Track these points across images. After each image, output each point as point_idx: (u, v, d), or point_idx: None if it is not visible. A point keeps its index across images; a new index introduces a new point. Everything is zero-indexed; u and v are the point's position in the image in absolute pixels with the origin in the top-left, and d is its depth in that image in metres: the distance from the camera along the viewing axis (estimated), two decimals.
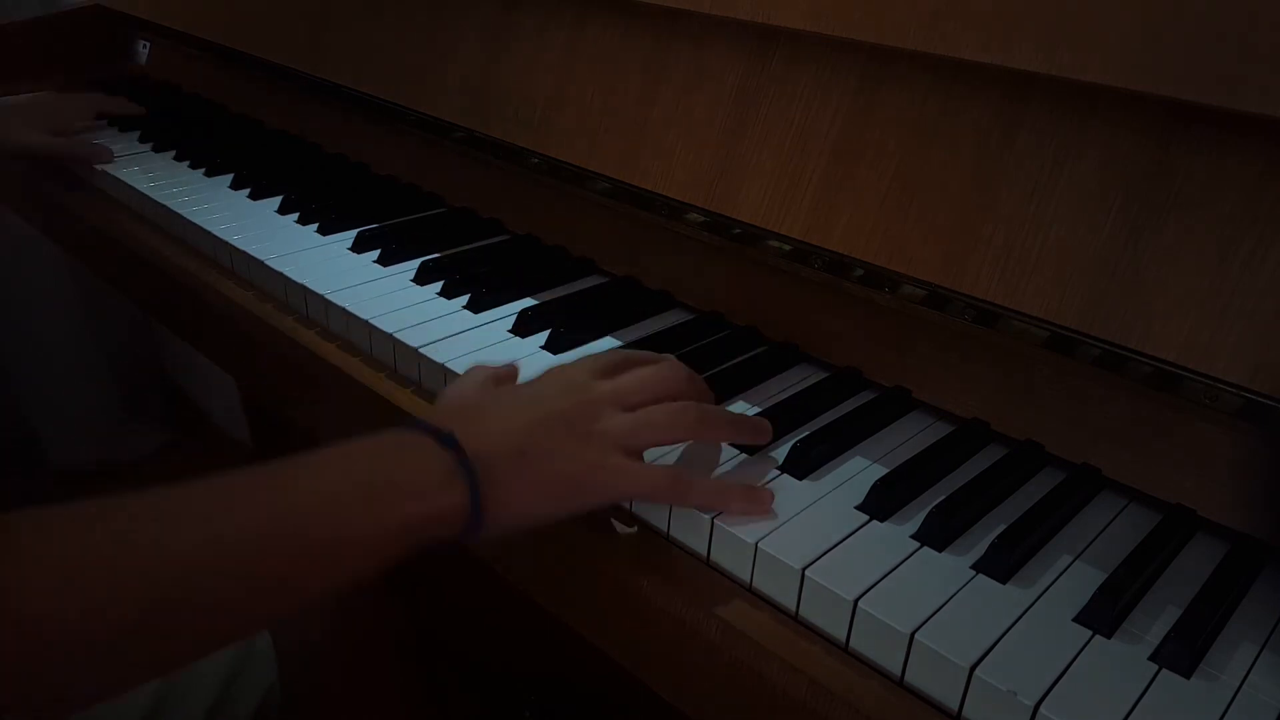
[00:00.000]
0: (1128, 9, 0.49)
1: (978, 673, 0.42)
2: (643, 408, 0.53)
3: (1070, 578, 0.49)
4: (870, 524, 0.51)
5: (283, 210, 0.89)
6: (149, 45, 1.34)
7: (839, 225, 0.61)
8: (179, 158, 1.02)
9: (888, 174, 0.59)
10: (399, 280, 0.76)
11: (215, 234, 0.83)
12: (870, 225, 0.60)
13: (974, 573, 0.48)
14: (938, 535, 0.50)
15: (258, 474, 0.45)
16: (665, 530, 0.53)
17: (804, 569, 0.47)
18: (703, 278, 0.73)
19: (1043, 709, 0.41)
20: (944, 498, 0.52)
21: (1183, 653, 0.43)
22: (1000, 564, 0.48)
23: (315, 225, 0.85)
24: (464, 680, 1.23)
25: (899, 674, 0.45)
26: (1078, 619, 0.46)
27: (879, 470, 0.56)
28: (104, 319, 1.86)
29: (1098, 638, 0.45)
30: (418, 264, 0.77)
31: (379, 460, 0.48)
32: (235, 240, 0.81)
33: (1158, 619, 0.46)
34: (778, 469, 0.55)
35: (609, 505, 0.54)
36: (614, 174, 0.74)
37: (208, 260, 0.85)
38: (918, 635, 0.44)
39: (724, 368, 0.64)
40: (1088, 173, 0.53)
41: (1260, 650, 0.45)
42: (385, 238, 0.82)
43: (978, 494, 0.53)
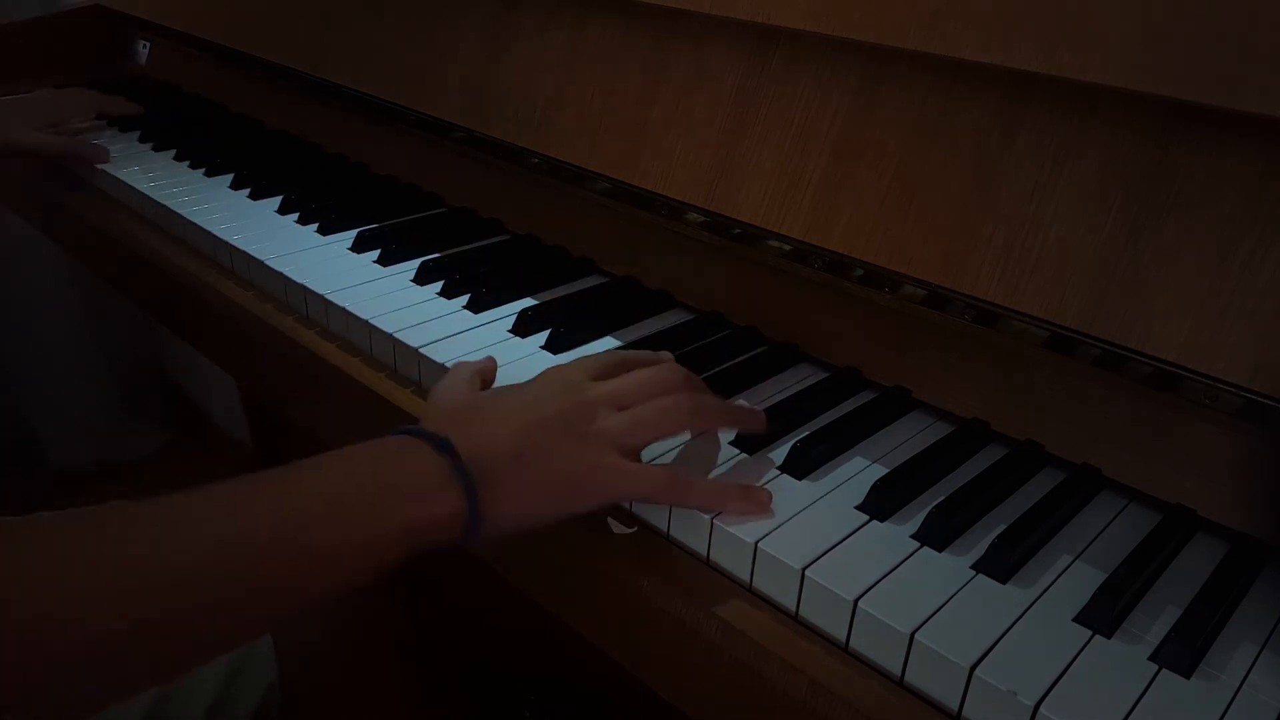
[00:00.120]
0: (1128, 9, 0.49)
1: (978, 673, 0.42)
2: (638, 406, 0.53)
3: (1070, 578, 0.49)
4: (870, 524, 0.52)
5: (283, 210, 0.89)
6: (149, 45, 1.34)
7: (839, 225, 0.61)
8: (179, 158, 1.02)
9: (888, 174, 0.59)
10: (399, 280, 0.76)
11: (215, 234, 0.83)
12: (870, 225, 0.60)
13: (974, 573, 0.48)
14: (938, 535, 0.50)
15: (257, 480, 0.45)
16: (665, 530, 0.53)
17: (804, 569, 0.47)
18: (703, 278, 0.73)
19: (1043, 709, 0.41)
20: (944, 498, 0.52)
21: (1183, 653, 0.43)
22: (1000, 564, 0.48)
23: (315, 225, 0.85)
24: (464, 680, 1.23)
25: (899, 674, 0.45)
26: (1078, 619, 0.46)
27: (879, 470, 0.56)
28: (104, 319, 1.86)
29: (1098, 638, 0.45)
30: (418, 264, 0.77)
31: (376, 465, 0.48)
32: (235, 240, 0.81)
33: (1158, 619, 0.46)
34: (777, 469, 0.55)
35: (608, 505, 0.54)
36: (614, 174, 0.74)
37: (208, 260, 0.85)
38: (918, 635, 0.44)
39: (724, 368, 0.64)
40: (1088, 173, 0.53)
41: (1260, 650, 0.45)
42: (385, 238, 0.82)
43: (978, 494, 0.53)
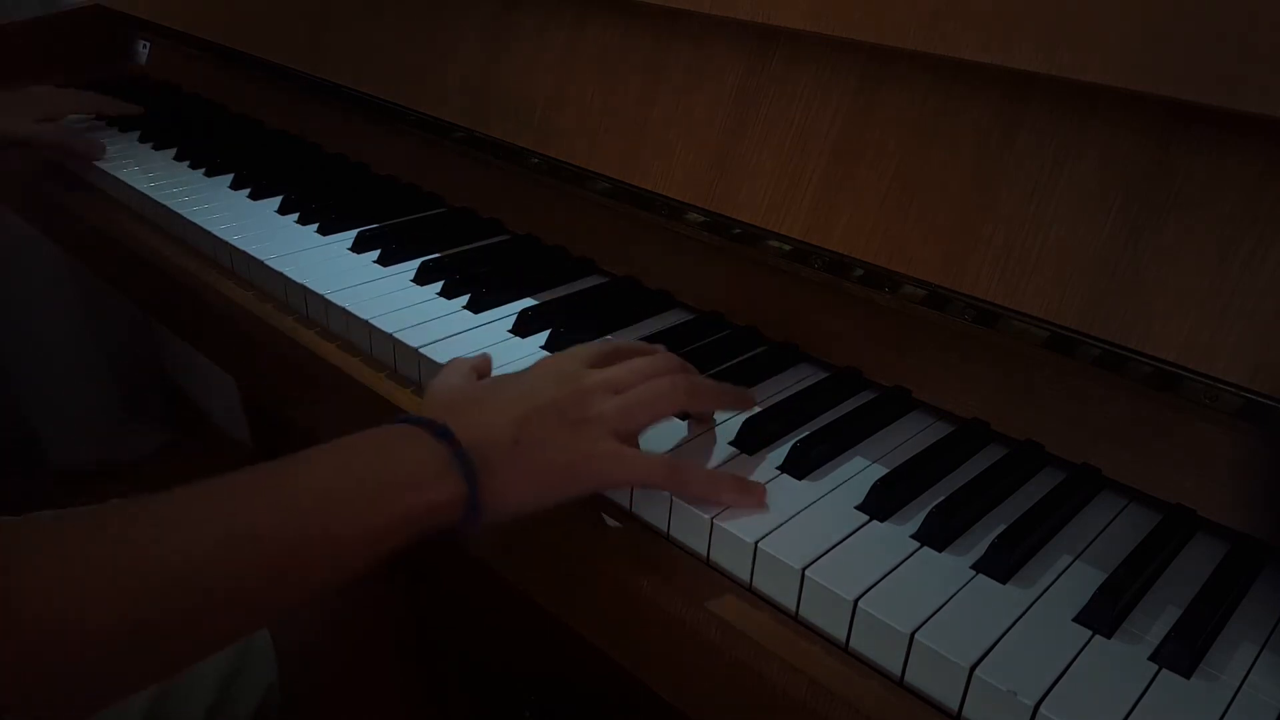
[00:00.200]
0: (1128, 9, 0.49)
1: (978, 673, 0.42)
2: (633, 389, 0.53)
3: (1070, 578, 0.49)
4: (870, 524, 0.52)
5: (283, 210, 0.89)
6: (149, 45, 1.34)
7: (839, 225, 0.61)
8: (179, 157, 1.02)
9: (888, 174, 0.59)
10: (399, 280, 0.76)
11: (215, 234, 0.83)
12: (870, 225, 0.60)
13: (974, 573, 0.48)
14: (938, 535, 0.50)
15: (257, 472, 0.45)
16: (665, 530, 0.53)
17: (804, 569, 0.47)
18: (703, 278, 0.73)
19: (1043, 709, 0.41)
20: (944, 498, 0.52)
21: (1183, 653, 0.43)
22: (1000, 564, 0.48)
23: (315, 225, 0.85)
24: (464, 680, 1.23)
25: (899, 674, 0.45)
26: (1078, 619, 0.46)
27: (879, 470, 0.56)
28: (104, 319, 1.86)
29: (1098, 638, 0.45)
30: (418, 264, 0.77)
31: (377, 454, 0.48)
32: (235, 240, 0.81)
33: (1158, 619, 0.46)
34: (778, 469, 0.55)
35: (606, 490, 0.54)
36: (614, 174, 0.74)
37: (208, 260, 0.85)
38: (918, 635, 0.44)
39: (724, 368, 0.64)
40: (1088, 173, 0.53)
41: (1260, 650, 0.45)
42: (385, 238, 0.82)
43: (978, 494, 0.53)
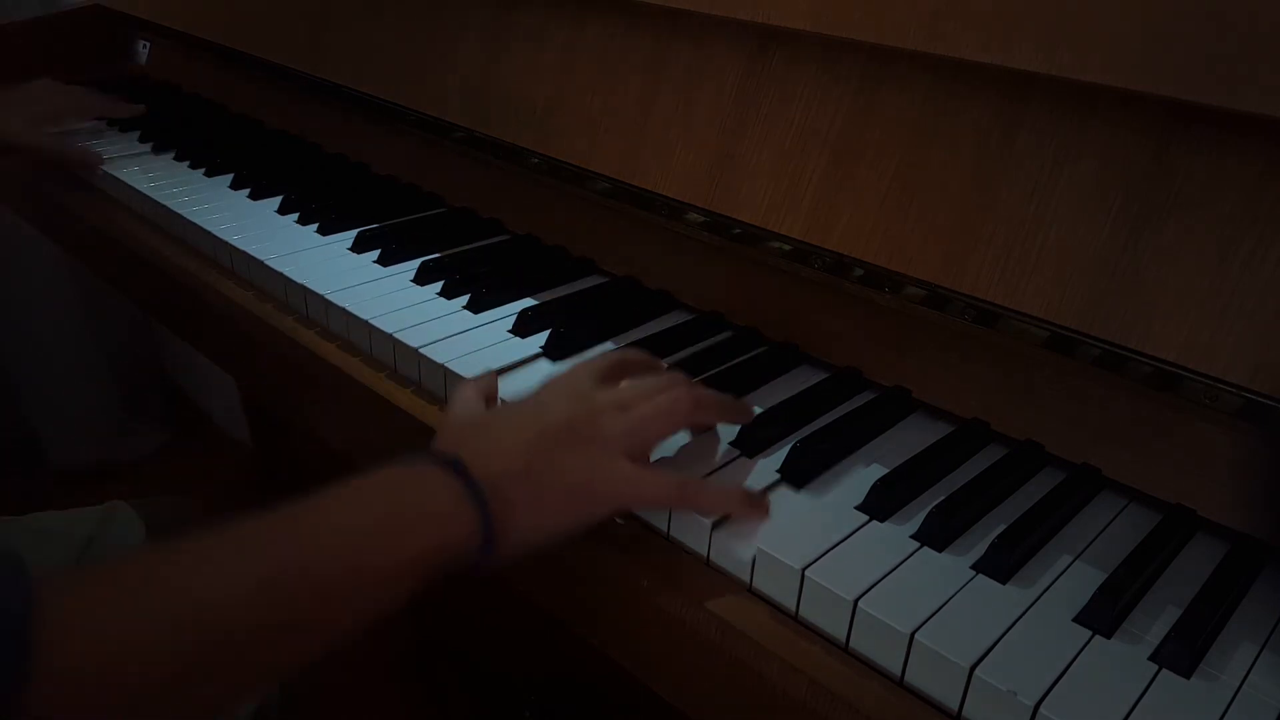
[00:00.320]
0: (1128, 9, 0.49)
1: (978, 673, 0.42)
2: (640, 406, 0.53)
3: (1070, 578, 0.49)
4: (870, 524, 0.51)
5: (283, 210, 0.89)
6: (149, 45, 1.34)
7: (839, 225, 0.61)
8: (179, 158, 1.02)
9: (888, 174, 0.59)
10: (399, 280, 0.76)
11: (215, 234, 0.83)
12: (870, 225, 0.60)
13: (974, 573, 0.48)
14: (938, 535, 0.50)
15: (274, 518, 0.45)
16: (665, 530, 0.53)
17: (804, 569, 0.47)
18: (703, 278, 0.73)
19: (1043, 709, 0.41)
20: (944, 498, 0.52)
21: (1183, 653, 0.44)
22: (1000, 564, 0.48)
23: (315, 225, 0.85)
24: (464, 680, 1.23)
25: (899, 674, 0.45)
26: (1078, 619, 0.46)
27: (879, 470, 0.56)
28: (104, 319, 1.86)
29: (1098, 638, 0.45)
30: (418, 264, 0.77)
31: (390, 494, 0.48)
32: (235, 240, 0.81)
33: (1158, 619, 0.46)
34: (777, 470, 0.55)
35: (620, 513, 0.54)
36: (614, 174, 0.74)
37: (208, 260, 0.85)
38: (918, 635, 0.44)
39: (724, 368, 0.64)
40: (1088, 173, 0.53)
41: (1260, 650, 0.45)
42: (385, 238, 0.82)
43: (978, 494, 0.53)
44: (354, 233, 0.83)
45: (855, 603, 0.46)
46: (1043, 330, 0.54)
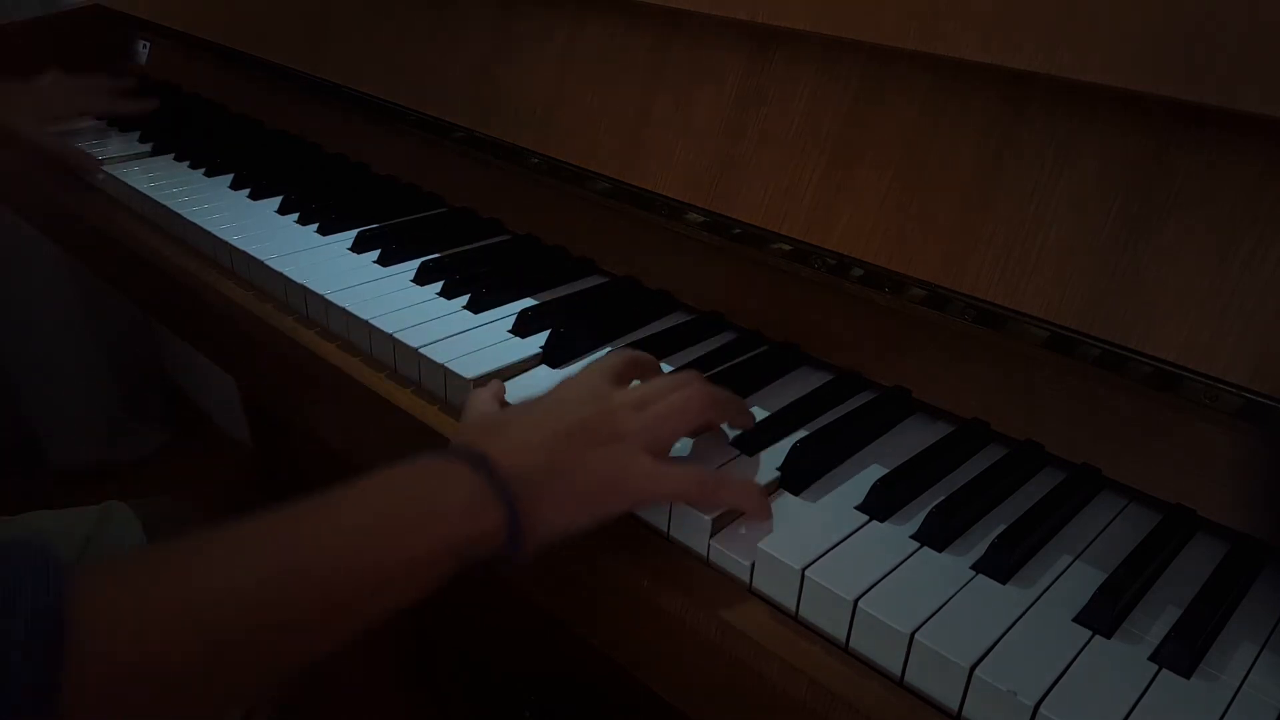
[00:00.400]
0: (1128, 9, 0.49)
1: (978, 673, 0.42)
2: (658, 403, 0.53)
3: (1070, 578, 0.49)
4: (870, 524, 0.51)
5: (283, 210, 0.89)
6: (149, 45, 1.34)
7: (839, 225, 0.61)
8: (179, 158, 1.02)
9: (888, 174, 0.59)
10: (399, 280, 0.76)
11: (215, 234, 0.83)
12: (870, 225, 0.60)
13: (974, 573, 0.48)
14: (938, 535, 0.50)
15: (300, 512, 0.46)
16: (665, 530, 0.53)
17: (804, 569, 0.47)
18: (703, 278, 0.73)
19: (1043, 709, 0.41)
20: (944, 498, 0.52)
21: (1183, 653, 0.43)
22: (1000, 564, 0.48)
23: (315, 225, 0.85)
24: (464, 681, 1.23)
25: (899, 674, 0.45)
26: (1078, 619, 0.46)
27: (879, 470, 0.56)
28: (104, 319, 1.86)
29: (1098, 638, 0.45)
30: (418, 264, 0.77)
31: (417, 488, 0.48)
32: (235, 240, 0.81)
33: (1158, 619, 0.46)
34: (777, 469, 0.55)
35: (641, 508, 0.54)
36: (614, 174, 0.74)
37: (208, 260, 0.85)
38: (918, 635, 0.44)
39: (724, 368, 0.64)
40: (1088, 173, 0.53)
41: (1260, 650, 0.45)
42: (385, 238, 0.82)
43: (978, 494, 0.53)
44: (354, 233, 0.83)
45: (855, 603, 0.46)
46: (1043, 330, 0.54)
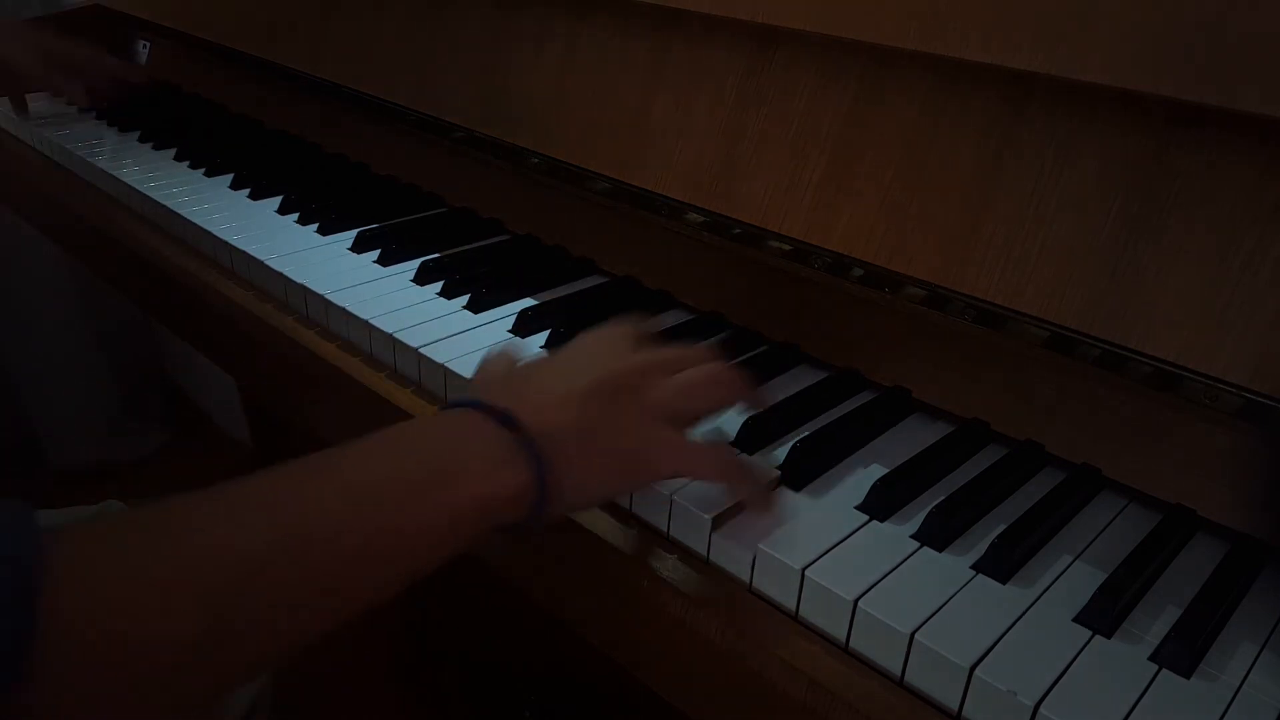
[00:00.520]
0: (1128, 9, 0.49)
1: (978, 673, 0.42)
2: (686, 372, 0.51)
3: (1070, 578, 0.49)
4: (870, 524, 0.51)
5: (283, 210, 0.89)
6: (149, 45, 1.34)
7: (839, 225, 0.61)
8: (179, 157, 1.02)
9: (888, 174, 0.59)
10: (399, 280, 0.76)
11: (215, 234, 0.83)
12: (870, 225, 0.60)
13: (974, 573, 0.48)
14: (938, 535, 0.50)
15: (307, 467, 0.42)
16: (665, 530, 0.53)
17: (804, 569, 0.47)
18: (703, 278, 0.73)
19: (1043, 709, 0.41)
20: (944, 498, 0.52)
21: (1183, 653, 0.43)
22: (1000, 564, 0.48)
23: (315, 225, 0.85)
24: (463, 680, 1.23)
25: (899, 674, 0.45)
26: (1078, 619, 0.46)
27: (879, 470, 0.56)
28: (104, 319, 1.86)
29: (1098, 638, 0.45)
30: (418, 264, 0.77)
31: (441, 442, 0.45)
32: (235, 240, 0.81)
33: (1158, 619, 0.46)
34: (777, 469, 0.55)
35: (658, 482, 0.52)
36: (614, 174, 0.74)
37: (208, 260, 0.85)
38: (918, 635, 0.44)
39: None
40: (1088, 173, 0.53)
41: (1260, 650, 0.45)
42: (385, 238, 0.82)
43: (978, 494, 0.53)
44: (354, 233, 0.83)
45: (855, 603, 0.46)
46: (1043, 330, 0.54)
